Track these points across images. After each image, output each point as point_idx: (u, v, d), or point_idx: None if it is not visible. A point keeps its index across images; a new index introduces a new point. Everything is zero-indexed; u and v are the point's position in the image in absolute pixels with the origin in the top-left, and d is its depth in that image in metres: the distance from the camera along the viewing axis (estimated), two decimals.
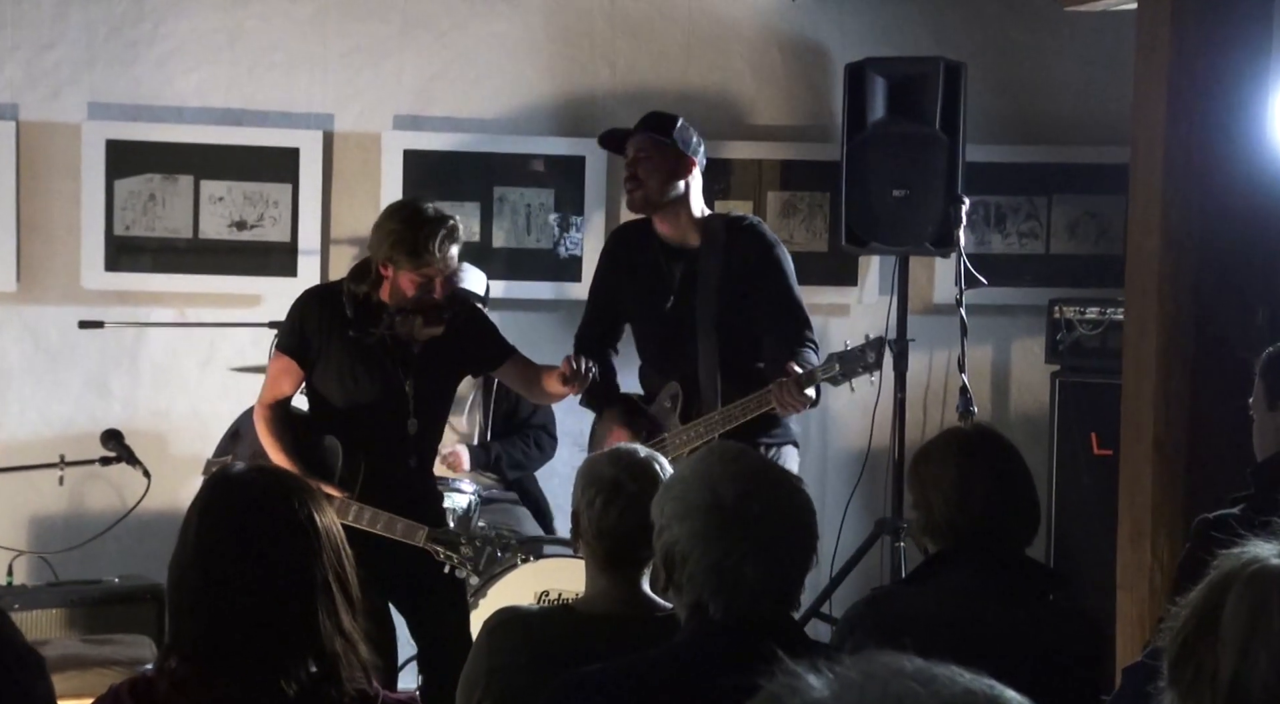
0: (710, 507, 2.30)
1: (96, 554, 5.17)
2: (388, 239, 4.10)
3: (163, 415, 5.70)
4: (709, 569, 2.28)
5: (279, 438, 4.25)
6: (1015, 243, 6.08)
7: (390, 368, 4.22)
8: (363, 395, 4.22)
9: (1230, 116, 3.79)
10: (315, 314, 4.24)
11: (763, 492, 2.32)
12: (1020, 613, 2.84)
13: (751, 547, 2.28)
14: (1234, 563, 1.67)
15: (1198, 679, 1.62)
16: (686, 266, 4.65)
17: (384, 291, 4.18)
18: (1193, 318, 3.80)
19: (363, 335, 4.18)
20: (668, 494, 2.38)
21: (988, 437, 3.00)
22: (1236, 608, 1.62)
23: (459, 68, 5.83)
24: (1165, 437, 3.81)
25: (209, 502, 2.30)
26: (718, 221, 4.72)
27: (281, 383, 4.31)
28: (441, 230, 4.10)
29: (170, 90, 5.68)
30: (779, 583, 2.31)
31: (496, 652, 2.80)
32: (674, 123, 4.68)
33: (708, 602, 2.29)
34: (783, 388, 4.22)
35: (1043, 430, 5.75)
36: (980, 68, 5.75)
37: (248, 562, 2.23)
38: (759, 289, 4.61)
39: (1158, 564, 3.81)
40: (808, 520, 2.37)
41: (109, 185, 5.62)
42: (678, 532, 2.31)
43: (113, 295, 5.66)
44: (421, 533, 4.10)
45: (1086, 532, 5.45)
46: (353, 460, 4.20)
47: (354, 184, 5.80)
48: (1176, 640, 1.66)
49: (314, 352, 4.23)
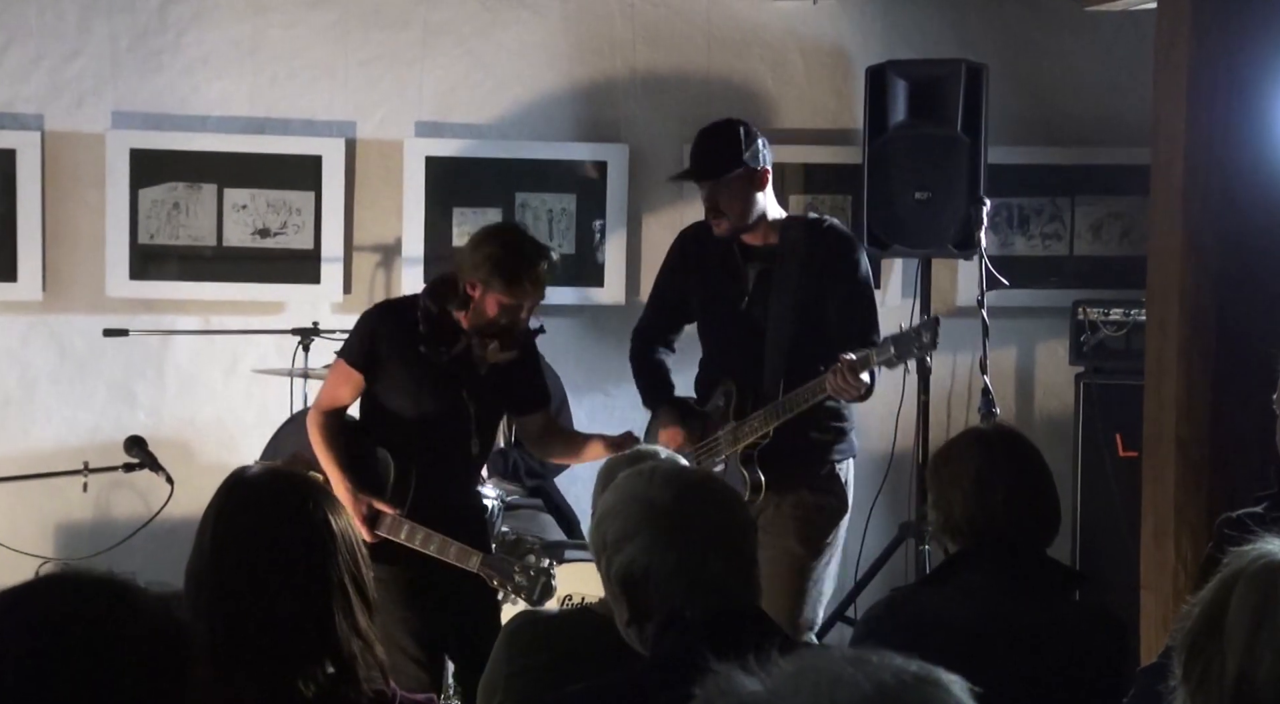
0: (653, 515, 2.28)
1: (121, 561, 5.18)
2: (487, 261, 4.06)
3: (187, 422, 5.73)
4: (675, 572, 2.25)
5: (332, 446, 4.23)
6: (1039, 244, 6.07)
7: (455, 387, 4.20)
8: (425, 411, 4.20)
9: (1250, 116, 3.77)
10: (388, 327, 4.21)
11: (692, 490, 2.33)
12: (1041, 613, 2.83)
13: (708, 540, 2.27)
14: (1242, 560, 1.67)
15: (1206, 676, 1.62)
16: (763, 268, 4.57)
17: (465, 312, 4.16)
18: (1214, 317, 3.78)
19: (435, 353, 4.16)
20: (603, 526, 2.33)
21: (1008, 436, 3.00)
22: (1241, 604, 1.62)
23: (480, 74, 5.84)
24: (1188, 436, 3.79)
25: (224, 504, 2.31)
26: (798, 223, 4.63)
27: (341, 391, 4.29)
28: (542, 262, 4.10)
29: (193, 99, 5.71)
30: (744, 571, 2.30)
31: (516, 656, 2.80)
32: (740, 142, 4.48)
33: (682, 606, 2.24)
34: (838, 374, 4.18)
35: (1067, 432, 5.73)
36: (1002, 69, 5.74)
37: (263, 564, 2.24)
38: (834, 292, 4.53)
39: (1181, 564, 3.78)
40: (743, 508, 2.40)
41: (133, 194, 5.65)
42: (631, 550, 2.28)
43: (138, 303, 5.69)
44: (476, 558, 4.05)
45: (1112, 534, 5.42)
46: (404, 475, 4.18)
47: (376, 191, 5.82)
48: (1185, 638, 1.66)
49: (380, 364, 4.21)
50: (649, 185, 5.90)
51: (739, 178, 4.48)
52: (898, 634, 2.83)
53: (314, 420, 4.31)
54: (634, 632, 2.34)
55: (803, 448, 4.51)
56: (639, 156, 5.88)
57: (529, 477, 5.43)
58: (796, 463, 4.51)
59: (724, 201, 4.50)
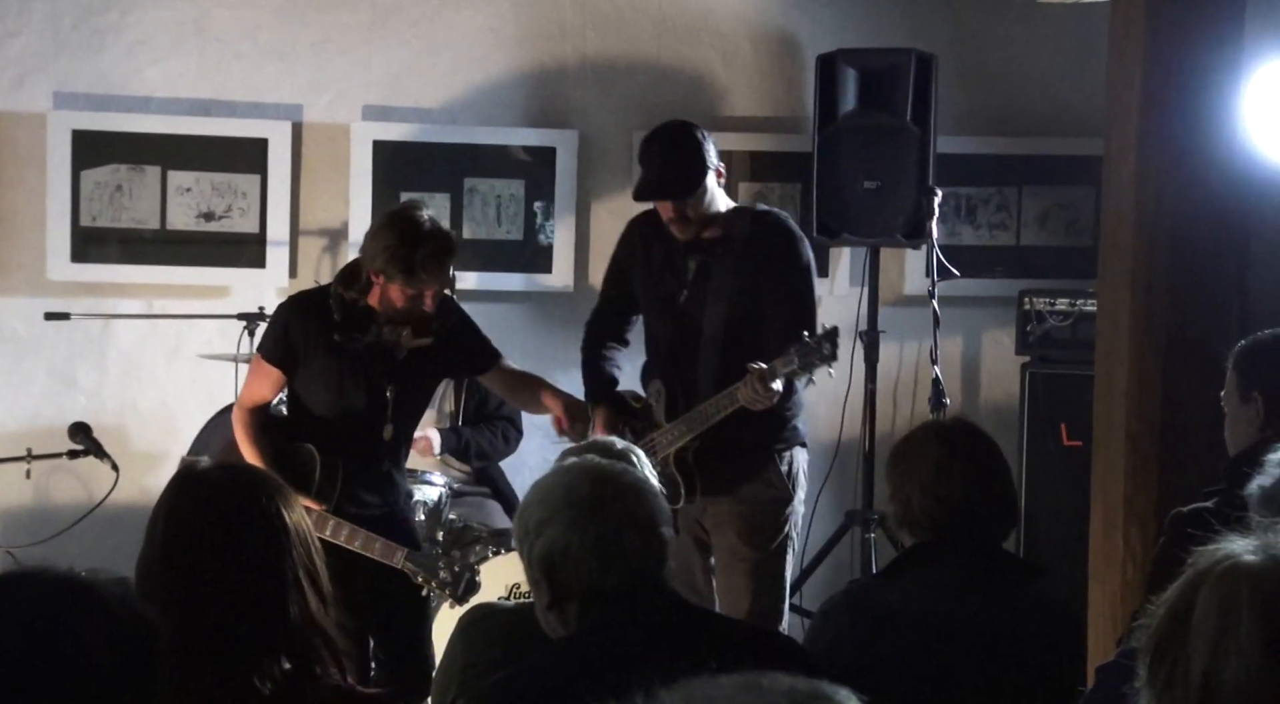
0: (572, 501, 2.46)
1: (63, 548, 5.13)
2: (383, 253, 4.02)
3: (130, 408, 5.66)
4: (593, 548, 2.43)
5: (257, 444, 4.20)
6: (986, 234, 6.08)
7: (374, 374, 4.17)
8: (345, 401, 4.17)
9: (1203, 108, 3.78)
10: (301, 321, 4.17)
11: (607, 478, 2.51)
12: (998, 606, 2.84)
13: (623, 518, 2.45)
14: (1207, 560, 1.66)
15: (1172, 679, 1.61)
16: (703, 260, 4.48)
17: (373, 298, 4.13)
18: (1165, 311, 3.78)
19: (349, 341, 4.12)
20: (525, 515, 2.52)
21: (967, 430, 3.00)
22: (1207, 606, 1.61)
23: (429, 58, 5.79)
24: (1138, 429, 3.79)
25: (176, 499, 2.28)
26: (743, 216, 4.52)
27: (262, 388, 4.25)
28: (439, 250, 4.03)
29: (137, 80, 5.63)
30: (657, 552, 2.48)
31: (471, 649, 2.80)
32: (701, 151, 4.38)
33: (600, 581, 2.42)
34: (748, 383, 4.15)
35: (1012, 421, 5.75)
36: (951, 59, 5.75)
37: (216, 559, 2.21)
38: (770, 287, 4.42)
39: (1130, 557, 3.79)
40: (656, 498, 2.55)
41: (75, 176, 5.58)
42: (551, 533, 2.45)
43: (79, 287, 5.61)
44: (400, 554, 4.04)
45: (1056, 522, 5.46)
46: (330, 468, 4.15)
47: (323, 175, 5.76)
48: (1151, 640, 1.65)
49: (298, 359, 4.17)
50: (598, 171, 5.88)
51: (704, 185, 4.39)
52: (856, 626, 2.84)
53: (238, 418, 4.28)
54: (554, 616, 2.51)
55: (737, 445, 4.42)
56: (588, 143, 5.86)
57: (478, 457, 5.41)
58: (730, 461, 4.44)
59: (692, 209, 4.39)
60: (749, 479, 4.48)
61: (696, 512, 4.51)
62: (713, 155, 4.42)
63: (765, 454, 4.49)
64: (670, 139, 4.47)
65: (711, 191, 4.42)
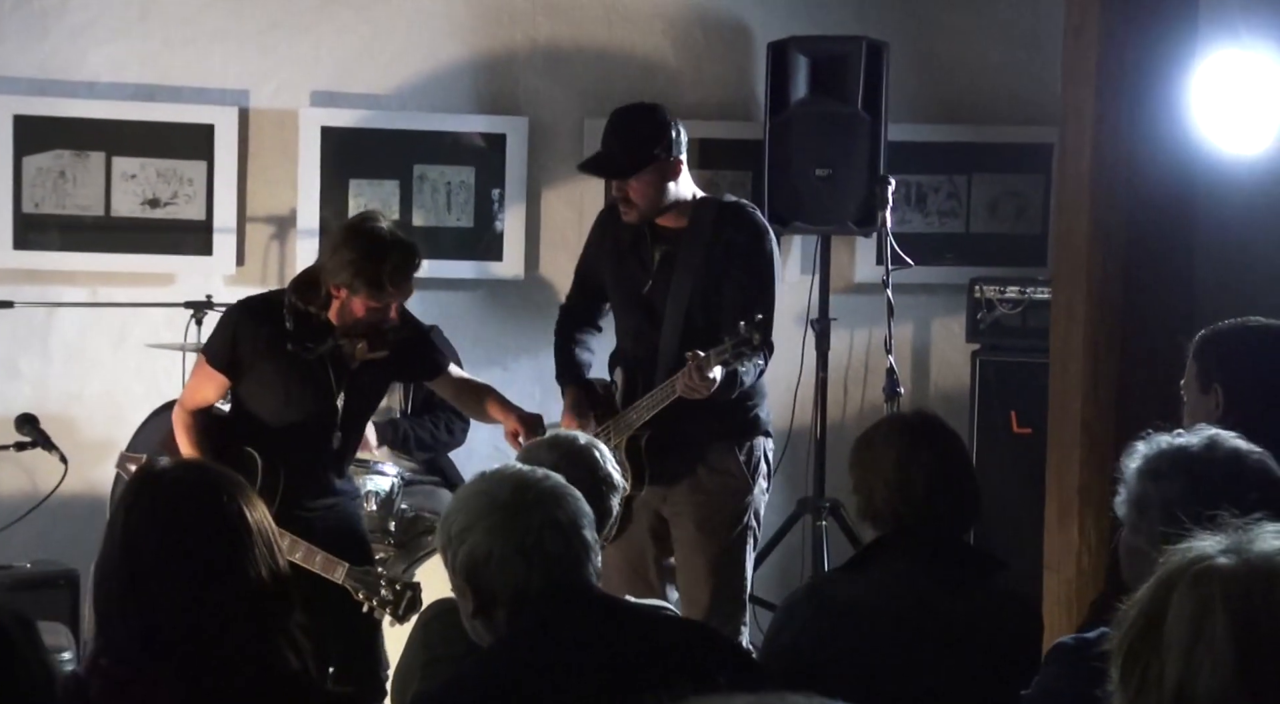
0: (493, 507, 2.48)
1: (7, 539, 5.06)
2: (348, 268, 3.93)
3: (74, 397, 5.59)
4: (516, 552, 2.45)
5: (198, 446, 4.12)
6: (935, 222, 6.10)
7: (324, 384, 4.10)
8: (292, 409, 4.10)
9: (1158, 100, 3.80)
10: (250, 329, 4.08)
11: (528, 484, 2.53)
12: (962, 599, 2.85)
13: (543, 523, 2.47)
14: (1178, 561, 1.64)
15: (1144, 684, 1.60)
16: (668, 250, 4.45)
17: (332, 311, 4.04)
18: (1120, 300, 3.81)
19: (303, 351, 4.05)
20: (448, 523, 2.53)
21: (929, 423, 3.00)
22: (1180, 610, 1.59)
23: (378, 44, 5.74)
24: (1093, 418, 3.82)
25: (135, 499, 2.23)
26: (709, 206, 4.49)
27: (206, 390, 4.17)
28: (404, 262, 3.97)
29: (81, 64, 5.55)
30: (578, 551, 2.49)
31: (432, 644, 2.77)
32: (654, 136, 4.35)
33: (524, 584, 2.44)
34: (686, 372, 4.13)
35: (963, 409, 5.77)
36: (902, 47, 5.75)
37: (177, 560, 2.17)
38: (733, 276, 4.40)
39: (1085, 545, 3.82)
40: (577, 502, 2.55)
41: (17, 161, 5.49)
42: (473, 539, 2.47)
43: (21, 274, 5.53)
44: (341, 570, 3.95)
45: (1006, 509, 5.47)
46: (272, 474, 4.06)
47: (270, 162, 5.70)
48: (1123, 643, 1.63)
49: (245, 366, 4.10)
50: (548, 158, 5.84)
51: (648, 171, 4.36)
52: (817, 620, 2.83)
53: (179, 419, 4.20)
54: (480, 623, 2.51)
55: (696, 434, 4.40)
56: (539, 129, 5.82)
57: (419, 448, 5.36)
58: (689, 450, 4.42)
59: (634, 192, 4.37)
60: (708, 469, 4.45)
61: (655, 501, 4.49)
62: (673, 144, 4.38)
63: (725, 444, 4.47)
64: (622, 118, 4.47)
65: (662, 182, 4.39)
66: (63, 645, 4.42)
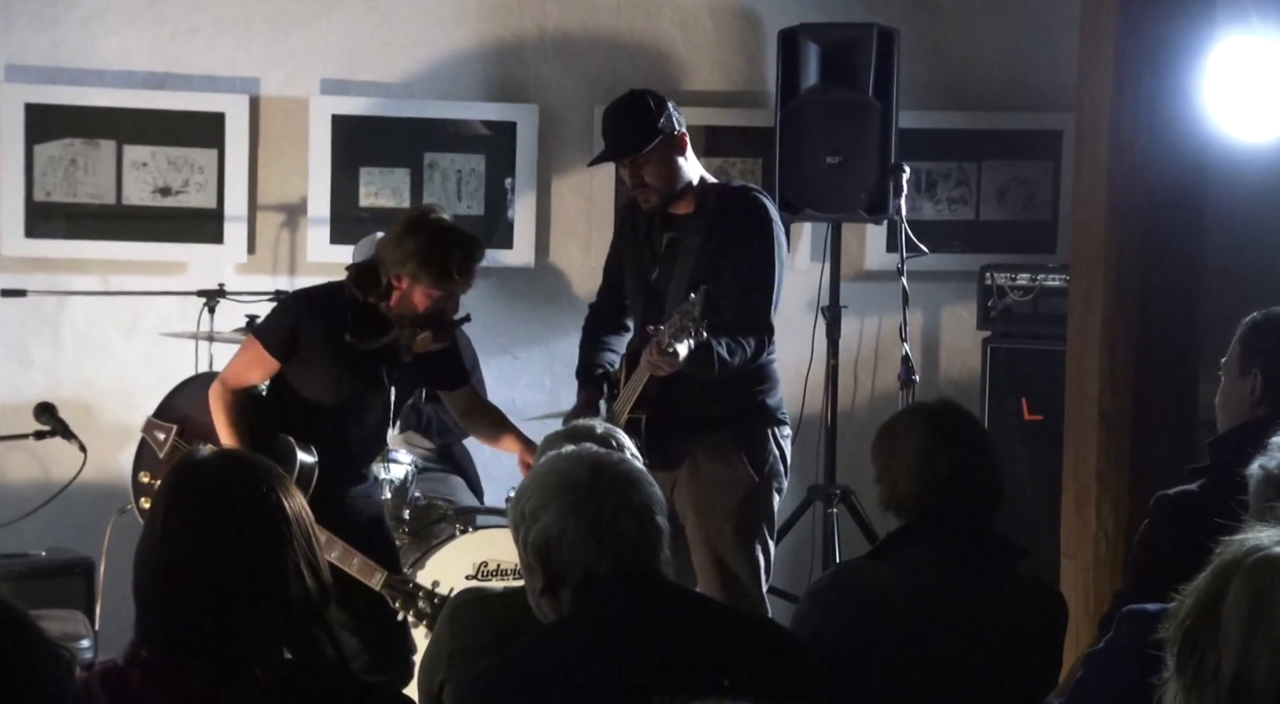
0: (568, 487, 2.49)
1: (20, 527, 5.06)
2: (413, 258, 3.94)
3: (87, 385, 5.59)
4: (589, 534, 2.46)
5: (236, 426, 4.11)
6: (945, 209, 6.10)
7: (377, 376, 4.11)
8: (344, 400, 4.11)
9: (1174, 88, 3.81)
10: (313, 321, 4.07)
11: (605, 466, 2.54)
12: (985, 586, 2.86)
13: (617, 505, 2.48)
14: (1235, 551, 1.66)
15: (1201, 672, 1.61)
16: (674, 236, 4.45)
17: (392, 301, 4.05)
18: (1137, 288, 3.82)
19: (362, 342, 4.06)
20: (521, 501, 2.54)
21: (952, 411, 3.01)
22: (1237, 599, 1.61)
23: (387, 31, 5.73)
24: (1110, 405, 3.84)
25: (175, 490, 2.24)
26: (715, 190, 4.48)
27: (253, 372, 4.15)
28: (470, 252, 3.99)
29: (92, 53, 5.54)
30: (651, 537, 2.50)
31: (458, 634, 2.77)
32: (651, 113, 4.37)
33: (595, 565, 2.45)
34: (647, 349, 4.11)
35: (973, 396, 5.78)
36: (912, 34, 5.75)
37: (216, 549, 2.18)
38: (733, 260, 4.37)
39: (1103, 532, 3.84)
40: (650, 486, 2.56)
41: (28, 150, 5.49)
42: (546, 518, 2.48)
43: (33, 262, 5.54)
44: (379, 577, 3.96)
45: (1018, 496, 5.49)
46: (307, 465, 4.05)
47: (281, 150, 5.70)
48: (1179, 631, 1.65)
49: (300, 355, 4.09)
50: (558, 146, 5.84)
51: (658, 147, 4.36)
52: (842, 608, 2.85)
53: (218, 395, 4.16)
54: (547, 601, 2.52)
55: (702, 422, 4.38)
56: (549, 117, 5.82)
57: (441, 433, 5.38)
58: (681, 432, 4.38)
59: (648, 174, 4.37)
60: (706, 454, 4.42)
61: (666, 490, 4.47)
62: (671, 118, 4.40)
63: (726, 429, 4.43)
64: (620, 104, 4.49)
65: (672, 156, 4.40)
66: (80, 633, 4.43)
